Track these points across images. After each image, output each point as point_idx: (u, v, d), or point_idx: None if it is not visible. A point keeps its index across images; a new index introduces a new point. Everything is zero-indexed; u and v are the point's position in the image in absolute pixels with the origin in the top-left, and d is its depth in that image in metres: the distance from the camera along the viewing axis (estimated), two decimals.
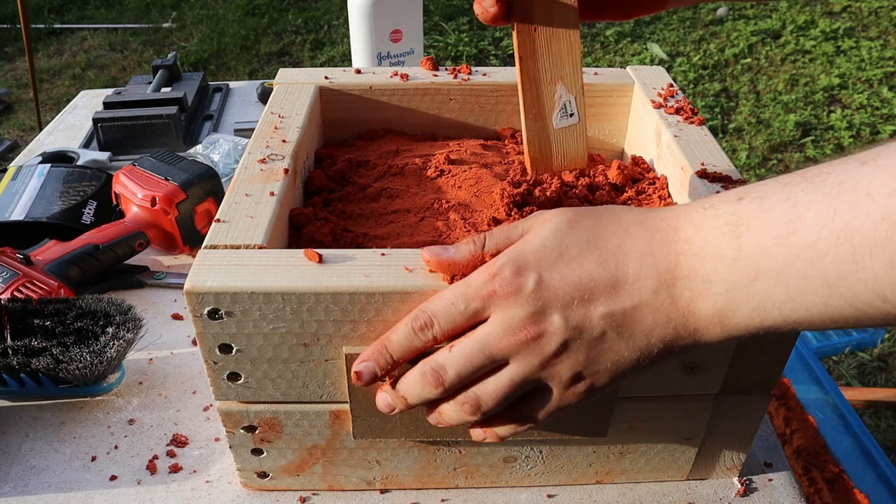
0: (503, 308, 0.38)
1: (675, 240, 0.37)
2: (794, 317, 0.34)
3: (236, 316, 0.43)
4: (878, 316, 0.32)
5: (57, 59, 3.26)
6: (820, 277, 0.32)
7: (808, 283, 0.33)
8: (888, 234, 0.30)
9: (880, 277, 0.30)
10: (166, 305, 0.73)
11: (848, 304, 0.32)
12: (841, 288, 0.32)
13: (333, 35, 3.35)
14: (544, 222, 0.40)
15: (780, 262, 0.33)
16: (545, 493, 0.54)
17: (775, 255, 0.33)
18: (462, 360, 0.39)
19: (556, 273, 0.37)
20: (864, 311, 0.32)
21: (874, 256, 0.30)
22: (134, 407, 0.61)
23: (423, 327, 0.40)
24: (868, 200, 0.31)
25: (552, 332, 0.37)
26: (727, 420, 0.51)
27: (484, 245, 0.41)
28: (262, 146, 0.55)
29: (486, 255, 0.40)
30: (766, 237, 0.34)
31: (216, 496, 0.53)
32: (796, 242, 0.33)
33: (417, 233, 0.53)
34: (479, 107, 0.68)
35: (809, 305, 0.33)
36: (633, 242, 0.38)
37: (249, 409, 0.48)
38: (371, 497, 0.53)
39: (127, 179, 0.77)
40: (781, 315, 0.34)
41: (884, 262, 0.30)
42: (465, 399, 0.41)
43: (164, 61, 1.16)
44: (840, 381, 1.63)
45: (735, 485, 0.55)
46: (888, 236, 0.30)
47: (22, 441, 0.58)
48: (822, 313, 0.33)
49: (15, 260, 0.68)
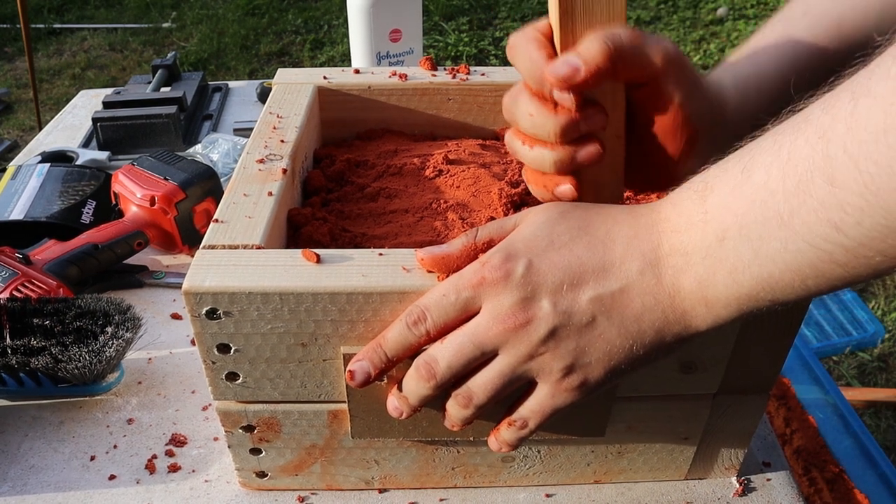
0: (493, 296, 0.38)
1: (657, 220, 0.37)
2: (765, 276, 0.33)
3: (234, 316, 0.43)
4: (840, 255, 0.30)
5: (57, 59, 3.26)
6: (775, 219, 0.32)
7: (766, 228, 0.32)
8: (825, 152, 0.29)
9: (826, 201, 0.30)
10: (165, 305, 0.73)
11: (807, 244, 0.31)
12: (795, 225, 0.31)
13: (333, 35, 3.35)
14: (536, 214, 0.40)
15: (741, 214, 0.33)
16: (543, 493, 0.54)
17: (735, 209, 0.33)
18: (452, 351, 0.39)
19: (545, 259, 0.37)
20: (825, 249, 0.30)
21: (815, 180, 0.30)
22: (133, 406, 0.61)
23: (417, 321, 0.40)
24: (805, 125, 0.31)
25: (540, 317, 0.37)
26: (725, 420, 0.51)
27: (476, 236, 0.41)
28: (261, 146, 0.55)
29: (478, 243, 0.40)
30: (725, 191, 0.34)
31: (215, 496, 0.53)
32: (750, 188, 0.33)
33: (416, 233, 0.54)
34: (478, 107, 0.68)
35: (773, 255, 0.32)
36: (620, 228, 0.38)
37: (248, 409, 0.48)
38: (369, 496, 0.53)
39: (126, 179, 0.77)
40: (753, 276, 0.34)
41: (824, 183, 0.29)
42: (458, 392, 0.41)
43: (163, 61, 1.16)
44: (840, 381, 1.63)
45: (733, 484, 0.55)
46: (825, 154, 0.29)
47: (21, 440, 0.58)
48: (788, 265, 0.32)
49: (14, 259, 0.68)
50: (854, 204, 0.29)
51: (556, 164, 0.42)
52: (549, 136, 0.41)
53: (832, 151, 0.29)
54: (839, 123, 0.29)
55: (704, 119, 0.43)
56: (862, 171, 0.28)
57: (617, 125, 0.43)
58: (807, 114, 0.31)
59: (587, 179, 0.43)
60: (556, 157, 0.41)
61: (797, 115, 0.32)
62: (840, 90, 0.30)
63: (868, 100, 0.28)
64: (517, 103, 0.42)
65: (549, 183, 0.44)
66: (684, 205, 0.36)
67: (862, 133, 0.28)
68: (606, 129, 0.42)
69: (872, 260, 0.30)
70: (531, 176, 0.45)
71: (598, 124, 0.41)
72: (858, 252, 0.30)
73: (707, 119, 0.43)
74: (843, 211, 0.29)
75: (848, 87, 0.30)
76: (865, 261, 0.30)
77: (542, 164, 0.42)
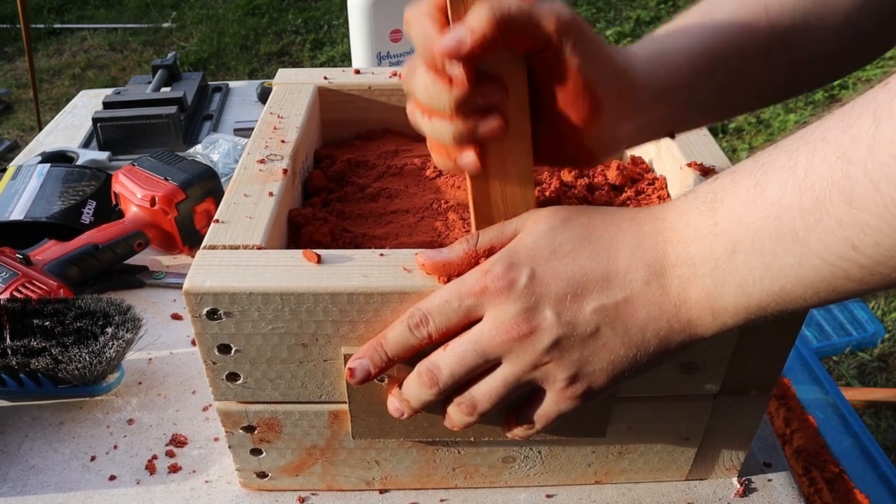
0: (496, 305, 0.38)
1: (662, 229, 0.37)
2: (776, 289, 0.33)
3: (235, 316, 0.43)
4: (855, 272, 0.30)
5: (57, 59, 3.26)
6: (790, 235, 0.31)
7: (780, 244, 0.32)
8: (844, 172, 0.29)
9: (844, 220, 0.29)
10: (165, 305, 0.73)
11: (822, 261, 0.31)
12: (811, 242, 0.31)
13: (333, 35, 3.35)
14: (537, 221, 0.40)
15: (753, 229, 0.33)
16: (544, 494, 0.54)
17: (747, 222, 0.33)
18: (455, 359, 0.39)
19: (548, 268, 0.37)
20: (841, 266, 0.31)
21: (833, 199, 0.30)
22: (133, 407, 0.61)
23: (419, 324, 0.40)
24: (823, 144, 0.31)
25: (544, 328, 0.37)
26: (726, 420, 0.51)
27: (477, 242, 0.40)
28: (261, 146, 0.55)
29: (479, 250, 0.40)
30: (737, 205, 0.34)
31: (215, 496, 0.53)
32: (764, 203, 0.33)
33: (416, 233, 0.53)
34: None
35: (786, 270, 0.32)
36: (624, 237, 0.38)
37: (248, 410, 0.48)
38: (370, 497, 0.53)
39: (126, 179, 0.77)
40: (764, 289, 0.33)
41: (843, 203, 0.29)
42: (462, 400, 0.41)
43: (163, 61, 1.16)
44: (840, 381, 1.63)
45: (734, 485, 0.55)
46: (844, 174, 0.29)
47: (21, 441, 0.58)
48: (800, 279, 0.32)
49: (14, 260, 0.68)
50: (873, 225, 0.29)
51: (455, 137, 0.40)
52: (445, 109, 0.40)
53: (852, 172, 0.29)
54: (860, 144, 0.29)
55: (609, 87, 0.41)
56: (883, 193, 0.28)
57: (519, 98, 0.42)
58: (823, 132, 0.31)
59: (493, 151, 0.42)
60: (455, 129, 0.40)
61: (811, 132, 0.32)
62: (860, 109, 0.30)
63: (891, 123, 0.28)
64: (415, 75, 0.40)
65: (452, 152, 0.42)
66: (691, 214, 0.36)
67: (884, 156, 0.28)
68: (508, 101, 0.41)
69: (888, 277, 0.30)
70: (433, 146, 0.43)
71: (496, 97, 0.40)
72: (874, 270, 0.30)
73: (612, 88, 0.41)
74: (861, 231, 0.29)
75: (870, 108, 0.30)
76: (881, 278, 0.30)
77: (442, 136, 0.41)
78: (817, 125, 0.32)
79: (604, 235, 0.38)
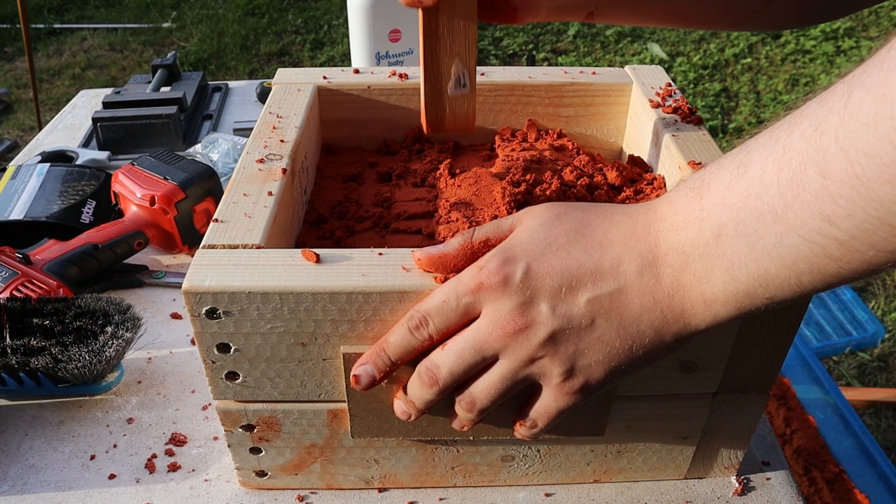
0: (492, 301, 0.38)
1: (653, 219, 0.37)
2: (761, 272, 0.33)
3: (234, 315, 0.43)
4: (834, 249, 0.30)
5: (57, 59, 3.26)
6: (770, 213, 0.31)
7: (761, 223, 0.32)
8: (818, 144, 0.29)
9: (818, 193, 0.29)
10: (165, 304, 0.73)
11: (801, 238, 0.31)
12: (789, 218, 0.31)
13: (333, 35, 3.35)
14: (533, 217, 0.40)
15: (736, 209, 0.33)
16: (543, 492, 0.54)
17: (730, 203, 0.33)
18: (453, 357, 0.39)
19: (543, 262, 0.37)
20: (819, 243, 0.30)
21: (808, 172, 0.30)
22: (133, 406, 0.61)
23: (418, 326, 0.40)
24: (801, 119, 0.31)
25: (539, 322, 0.37)
26: (725, 419, 0.51)
27: (473, 235, 0.41)
28: (261, 146, 0.55)
29: (475, 243, 0.40)
30: (721, 187, 0.34)
31: (215, 495, 0.53)
32: (745, 182, 0.33)
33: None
34: (478, 106, 0.68)
35: (769, 250, 0.32)
36: (617, 229, 0.38)
37: (248, 408, 0.48)
38: (369, 496, 0.53)
39: (126, 179, 0.77)
40: (749, 272, 0.33)
41: (817, 175, 0.29)
42: (462, 397, 0.41)
43: (163, 61, 1.16)
44: (840, 381, 1.63)
45: (733, 484, 0.55)
46: (818, 146, 0.29)
47: (21, 440, 0.58)
48: (783, 259, 0.32)
49: (14, 259, 0.68)
50: (846, 196, 0.29)
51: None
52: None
53: (825, 143, 0.29)
54: (832, 116, 0.29)
55: None
56: (853, 161, 0.28)
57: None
58: (804, 109, 0.32)
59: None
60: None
61: (794, 112, 0.32)
62: (837, 85, 0.30)
63: (861, 91, 0.28)
64: None
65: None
66: (681, 203, 0.36)
67: (853, 124, 0.28)
68: None
69: (866, 254, 0.30)
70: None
71: None
72: (851, 245, 0.30)
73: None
74: (835, 203, 0.29)
75: (844, 81, 0.30)
76: (859, 255, 0.30)
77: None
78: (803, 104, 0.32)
79: (597, 229, 0.38)
